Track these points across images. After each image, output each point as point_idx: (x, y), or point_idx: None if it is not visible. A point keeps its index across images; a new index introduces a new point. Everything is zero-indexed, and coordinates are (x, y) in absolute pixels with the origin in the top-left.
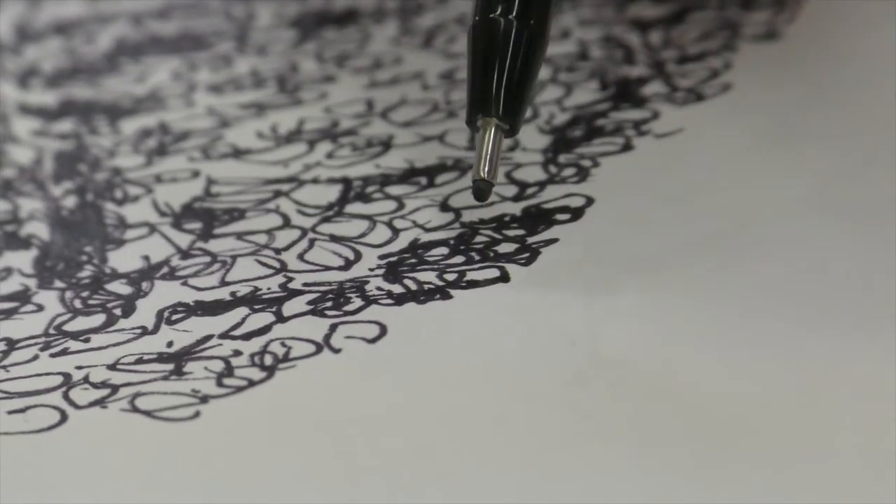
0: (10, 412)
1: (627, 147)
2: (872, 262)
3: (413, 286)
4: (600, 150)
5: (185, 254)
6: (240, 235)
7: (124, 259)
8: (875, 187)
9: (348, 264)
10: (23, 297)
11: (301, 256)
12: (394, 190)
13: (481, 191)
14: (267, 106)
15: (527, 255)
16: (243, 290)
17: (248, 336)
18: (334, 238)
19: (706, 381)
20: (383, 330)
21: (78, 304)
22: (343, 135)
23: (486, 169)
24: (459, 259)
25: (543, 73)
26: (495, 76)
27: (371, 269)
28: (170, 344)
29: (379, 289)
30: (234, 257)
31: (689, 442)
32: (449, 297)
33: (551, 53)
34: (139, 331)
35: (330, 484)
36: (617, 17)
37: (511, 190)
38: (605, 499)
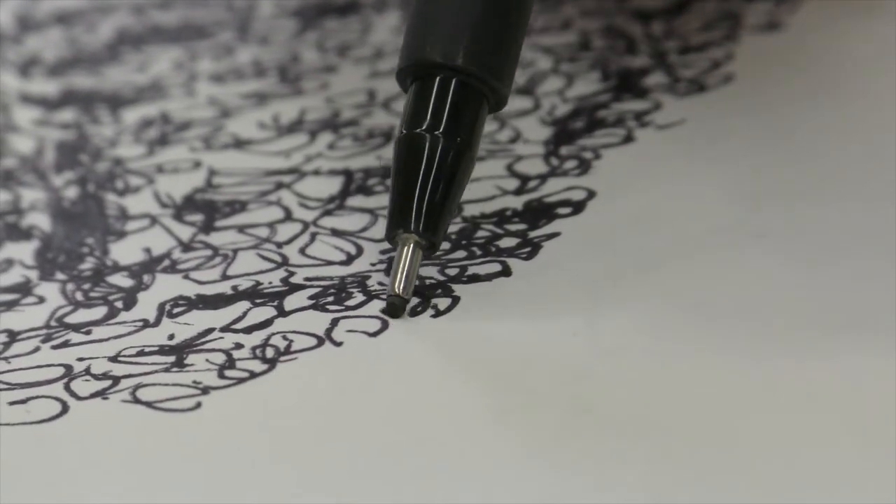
0: (12, 403)
1: (629, 139)
2: (875, 254)
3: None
4: (602, 142)
5: (186, 247)
6: (241, 228)
7: (126, 251)
8: (876, 178)
9: (350, 259)
10: (24, 288)
11: (303, 251)
12: None
13: (395, 307)
14: (268, 96)
15: (528, 249)
16: (245, 284)
17: (249, 329)
18: (336, 232)
19: (706, 375)
20: (385, 324)
21: (79, 296)
22: (344, 125)
23: (402, 286)
24: (461, 254)
25: (544, 63)
26: (417, 192)
27: (373, 265)
28: (171, 336)
29: (381, 284)
30: (235, 251)
31: (688, 437)
32: (451, 291)
33: (553, 43)
34: (140, 324)
35: (330, 477)
36: (618, 8)
37: (513, 183)
38: (605, 493)
